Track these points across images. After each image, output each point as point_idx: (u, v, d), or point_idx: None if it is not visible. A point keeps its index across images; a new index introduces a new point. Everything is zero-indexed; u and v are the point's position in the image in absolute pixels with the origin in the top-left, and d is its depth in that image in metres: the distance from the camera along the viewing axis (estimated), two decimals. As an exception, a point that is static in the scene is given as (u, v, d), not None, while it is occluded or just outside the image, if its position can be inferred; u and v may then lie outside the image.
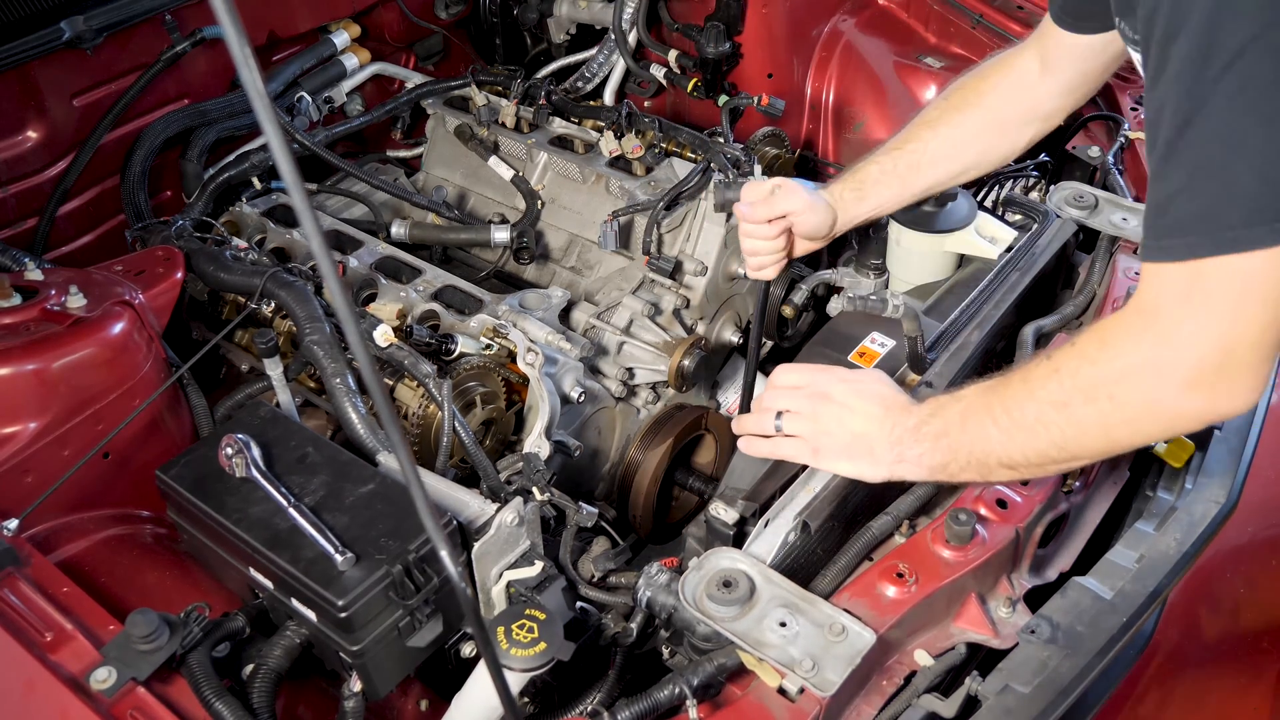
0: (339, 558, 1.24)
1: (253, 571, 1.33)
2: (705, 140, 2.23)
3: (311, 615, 1.27)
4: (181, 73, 2.28)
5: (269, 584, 1.31)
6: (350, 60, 2.59)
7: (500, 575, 1.42)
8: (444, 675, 1.44)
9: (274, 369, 1.58)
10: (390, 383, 1.78)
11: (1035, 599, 1.40)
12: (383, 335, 1.68)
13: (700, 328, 2.19)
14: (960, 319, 1.77)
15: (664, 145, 2.29)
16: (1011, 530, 1.38)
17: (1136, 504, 1.62)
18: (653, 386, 2.10)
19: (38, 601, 1.26)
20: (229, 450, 1.35)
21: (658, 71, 2.72)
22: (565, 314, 2.03)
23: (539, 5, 2.87)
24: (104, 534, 1.56)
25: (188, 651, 1.21)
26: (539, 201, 2.29)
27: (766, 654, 1.22)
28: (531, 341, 1.79)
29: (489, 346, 1.86)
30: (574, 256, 2.28)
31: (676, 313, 2.14)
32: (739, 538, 1.53)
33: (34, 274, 1.67)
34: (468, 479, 1.55)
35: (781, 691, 1.22)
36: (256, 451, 1.36)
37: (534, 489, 1.47)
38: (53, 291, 1.60)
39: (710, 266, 2.14)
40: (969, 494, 1.42)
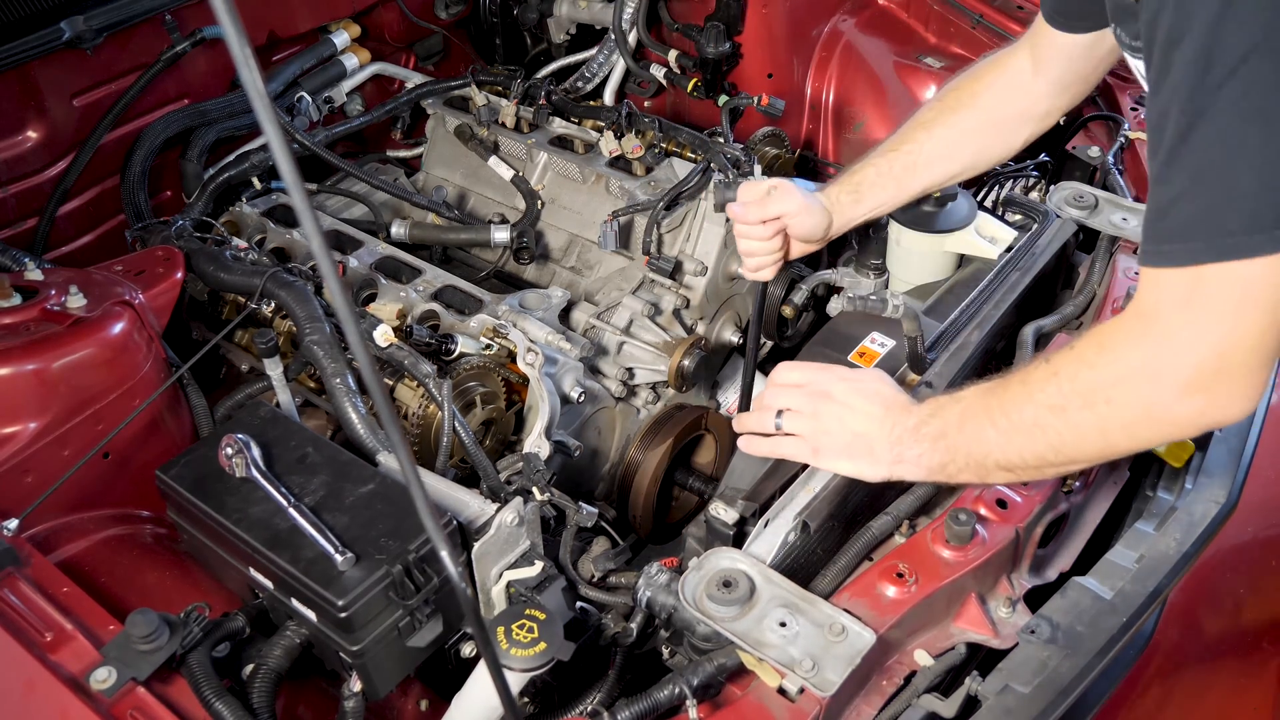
0: (339, 558, 1.24)
1: (253, 571, 1.33)
2: (705, 140, 2.23)
3: (311, 615, 1.27)
4: (181, 73, 2.28)
5: (269, 584, 1.31)
6: (350, 60, 2.59)
7: (500, 575, 1.42)
8: (444, 675, 1.44)
9: (274, 369, 1.58)
10: (390, 383, 1.78)
11: (1035, 599, 1.40)
12: (383, 335, 1.68)
13: (700, 328, 2.19)
14: (960, 319, 1.77)
15: (664, 145, 2.28)
16: (1011, 530, 1.38)
17: (1136, 504, 1.62)
18: (653, 386, 2.10)
19: (38, 601, 1.26)
20: (229, 450, 1.35)
21: (658, 71, 2.72)
22: (565, 314, 2.03)
23: (539, 5, 2.87)
24: (104, 534, 1.56)
25: (188, 651, 1.21)
26: (539, 201, 2.29)
27: (766, 654, 1.22)
28: (531, 341, 1.79)
29: (489, 346, 1.86)
30: (574, 256, 2.28)
31: (676, 313, 2.14)
32: (739, 538, 1.53)
33: (34, 274, 1.67)
34: (468, 479, 1.55)
35: (781, 691, 1.22)
36: (256, 451, 1.36)
37: (534, 489, 1.47)
38: (53, 291, 1.60)
39: (710, 266, 2.14)
40: (969, 494, 1.42)
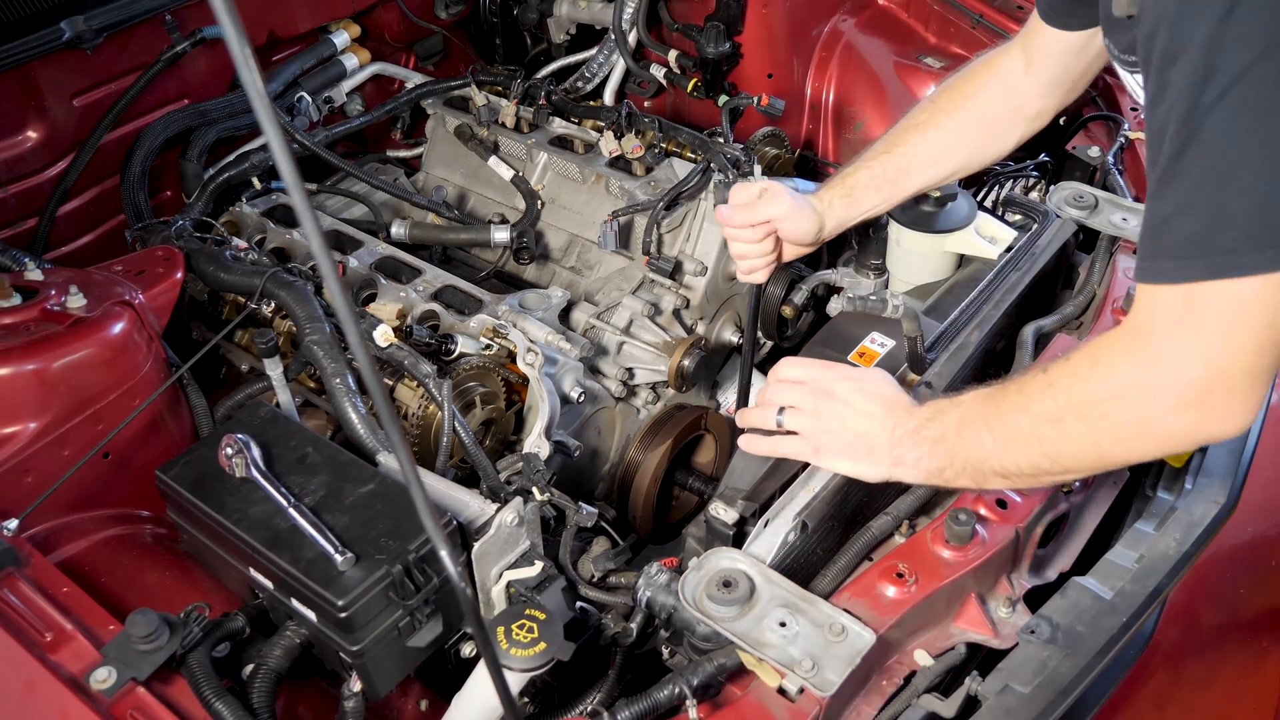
0: (339, 558, 1.24)
1: (253, 571, 1.33)
2: (705, 140, 2.22)
3: (311, 615, 1.27)
4: (181, 73, 2.28)
5: (269, 584, 1.31)
6: (350, 60, 2.59)
7: (500, 575, 1.42)
8: (444, 675, 1.44)
9: (274, 369, 1.58)
10: (390, 383, 1.78)
11: (1035, 599, 1.40)
12: (383, 335, 1.68)
13: (700, 328, 2.19)
14: (960, 319, 1.77)
15: (664, 145, 2.28)
16: (1011, 530, 1.38)
17: (1136, 504, 1.62)
18: (653, 386, 2.10)
19: (38, 601, 1.26)
20: (229, 450, 1.35)
21: (658, 71, 2.72)
22: (565, 314, 2.03)
23: (539, 5, 2.87)
24: (104, 534, 1.56)
25: (188, 651, 1.21)
26: (539, 201, 2.29)
27: (766, 654, 1.22)
28: (531, 341, 1.79)
29: (489, 346, 1.86)
30: (574, 256, 2.28)
31: (676, 313, 2.14)
32: (739, 538, 1.53)
33: (34, 274, 1.67)
34: (468, 479, 1.55)
35: (781, 691, 1.22)
36: (256, 451, 1.36)
37: (534, 489, 1.47)
38: (53, 291, 1.60)
39: (710, 266, 2.14)
40: (969, 494, 1.42)
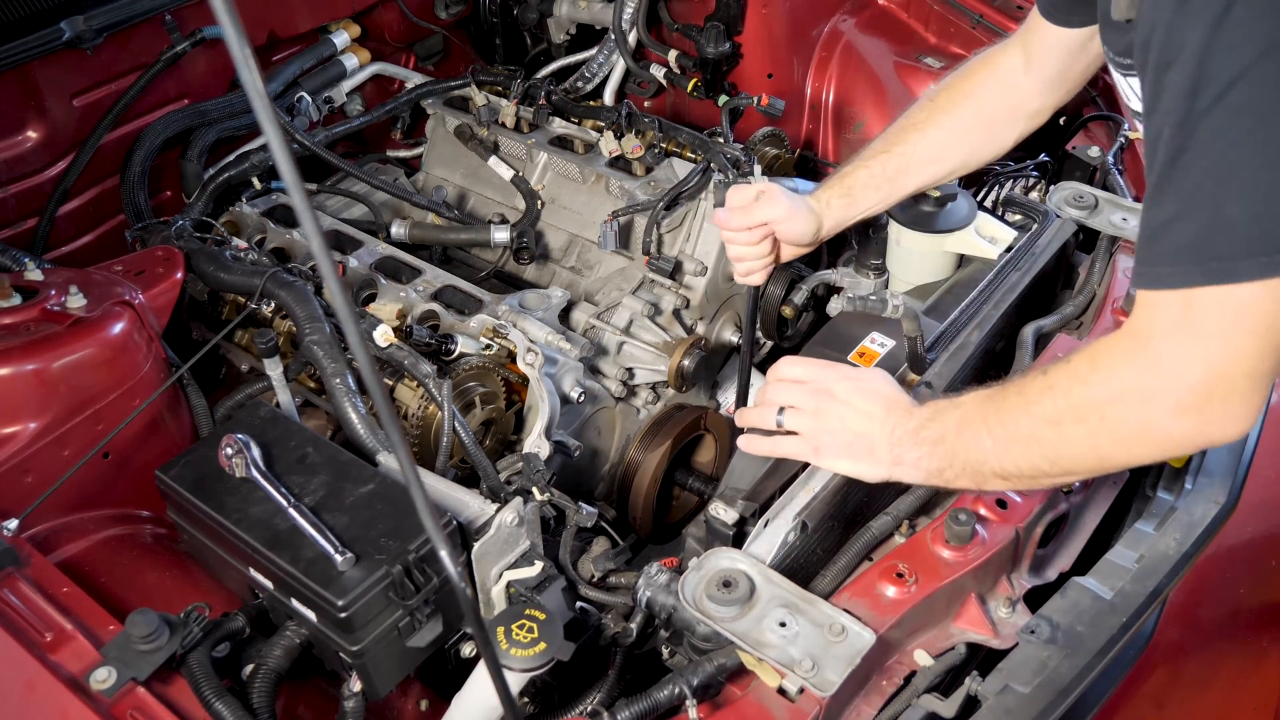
0: (339, 558, 1.24)
1: (253, 571, 1.33)
2: (705, 140, 2.22)
3: (311, 615, 1.27)
4: (181, 73, 2.28)
5: (269, 584, 1.31)
6: (350, 60, 2.59)
7: (500, 575, 1.42)
8: (444, 675, 1.44)
9: (274, 369, 1.58)
10: (390, 383, 1.78)
11: (1035, 599, 1.40)
12: (383, 335, 1.68)
13: (700, 328, 2.19)
14: (960, 319, 1.77)
15: (664, 145, 2.28)
16: (1011, 530, 1.38)
17: (1136, 504, 1.62)
18: (653, 386, 2.10)
19: (38, 601, 1.26)
20: (229, 450, 1.35)
21: (658, 71, 2.72)
22: (565, 314, 2.03)
23: (539, 5, 2.87)
24: (104, 534, 1.56)
25: (188, 651, 1.21)
26: (539, 201, 2.29)
27: (766, 654, 1.22)
28: (531, 341, 1.79)
29: (489, 346, 1.86)
30: (574, 256, 2.28)
31: (676, 313, 2.14)
32: (739, 538, 1.53)
33: (34, 274, 1.67)
34: (468, 479, 1.55)
35: (781, 691, 1.22)
36: (256, 451, 1.36)
37: (534, 489, 1.47)
38: (53, 291, 1.60)
39: (710, 266, 2.14)
40: (969, 494, 1.42)
